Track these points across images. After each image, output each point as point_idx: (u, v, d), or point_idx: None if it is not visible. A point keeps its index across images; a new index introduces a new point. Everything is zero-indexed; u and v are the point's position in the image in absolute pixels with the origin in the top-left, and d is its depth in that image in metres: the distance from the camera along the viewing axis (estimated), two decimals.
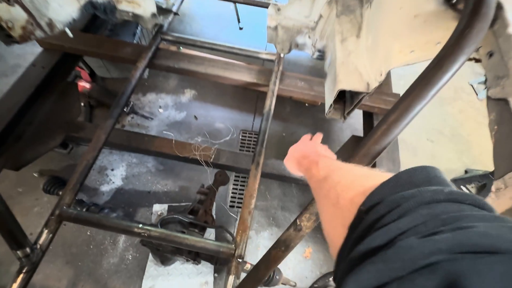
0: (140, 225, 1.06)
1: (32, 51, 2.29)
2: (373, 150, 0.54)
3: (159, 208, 1.78)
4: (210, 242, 1.06)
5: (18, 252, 0.97)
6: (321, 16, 1.20)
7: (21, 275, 0.96)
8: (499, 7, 0.55)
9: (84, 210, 1.55)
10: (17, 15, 0.96)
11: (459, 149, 2.30)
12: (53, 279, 1.56)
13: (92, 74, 2.19)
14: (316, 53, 1.33)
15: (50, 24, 1.07)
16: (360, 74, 0.83)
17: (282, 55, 1.51)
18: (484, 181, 2.01)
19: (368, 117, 1.60)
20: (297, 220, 0.67)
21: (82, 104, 2.00)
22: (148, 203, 1.83)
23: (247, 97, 2.34)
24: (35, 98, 1.44)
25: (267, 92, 1.41)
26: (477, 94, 2.64)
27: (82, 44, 1.59)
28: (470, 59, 0.65)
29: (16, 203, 1.71)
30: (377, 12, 0.81)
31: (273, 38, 1.38)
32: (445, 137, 2.35)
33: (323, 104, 2.26)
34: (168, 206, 1.79)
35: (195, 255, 1.32)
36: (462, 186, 2.05)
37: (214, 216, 1.72)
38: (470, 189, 2.05)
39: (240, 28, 2.78)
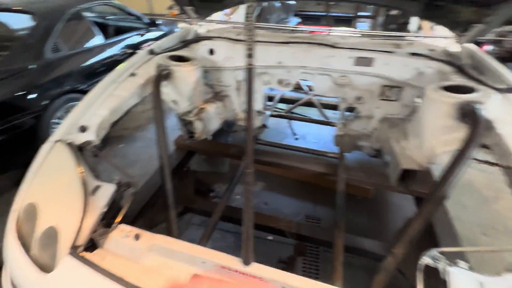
0: None
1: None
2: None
3: None
4: None
5: None
6: (375, 128, 1.82)
7: None
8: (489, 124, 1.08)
9: None
10: (199, 127, 1.70)
11: None
12: None
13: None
14: (373, 152, 1.88)
15: (208, 132, 1.80)
16: (415, 160, 1.32)
17: (344, 154, 2.08)
18: None
19: (419, 202, 1.95)
20: None
21: None
22: None
23: (306, 190, 2.82)
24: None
25: (338, 180, 1.89)
26: None
27: (202, 145, 2.33)
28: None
29: None
30: (418, 125, 1.38)
31: (339, 142, 1.99)
32: (498, 232, 2.48)
33: (374, 196, 2.64)
34: None
35: None
36: None
37: None
38: None
39: (296, 139, 3.59)
